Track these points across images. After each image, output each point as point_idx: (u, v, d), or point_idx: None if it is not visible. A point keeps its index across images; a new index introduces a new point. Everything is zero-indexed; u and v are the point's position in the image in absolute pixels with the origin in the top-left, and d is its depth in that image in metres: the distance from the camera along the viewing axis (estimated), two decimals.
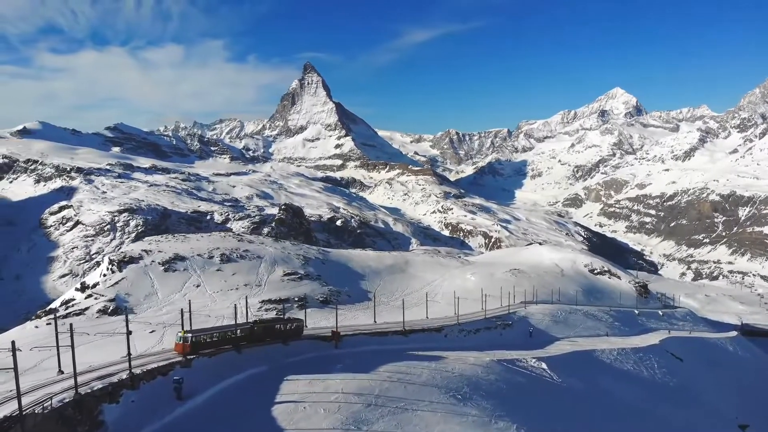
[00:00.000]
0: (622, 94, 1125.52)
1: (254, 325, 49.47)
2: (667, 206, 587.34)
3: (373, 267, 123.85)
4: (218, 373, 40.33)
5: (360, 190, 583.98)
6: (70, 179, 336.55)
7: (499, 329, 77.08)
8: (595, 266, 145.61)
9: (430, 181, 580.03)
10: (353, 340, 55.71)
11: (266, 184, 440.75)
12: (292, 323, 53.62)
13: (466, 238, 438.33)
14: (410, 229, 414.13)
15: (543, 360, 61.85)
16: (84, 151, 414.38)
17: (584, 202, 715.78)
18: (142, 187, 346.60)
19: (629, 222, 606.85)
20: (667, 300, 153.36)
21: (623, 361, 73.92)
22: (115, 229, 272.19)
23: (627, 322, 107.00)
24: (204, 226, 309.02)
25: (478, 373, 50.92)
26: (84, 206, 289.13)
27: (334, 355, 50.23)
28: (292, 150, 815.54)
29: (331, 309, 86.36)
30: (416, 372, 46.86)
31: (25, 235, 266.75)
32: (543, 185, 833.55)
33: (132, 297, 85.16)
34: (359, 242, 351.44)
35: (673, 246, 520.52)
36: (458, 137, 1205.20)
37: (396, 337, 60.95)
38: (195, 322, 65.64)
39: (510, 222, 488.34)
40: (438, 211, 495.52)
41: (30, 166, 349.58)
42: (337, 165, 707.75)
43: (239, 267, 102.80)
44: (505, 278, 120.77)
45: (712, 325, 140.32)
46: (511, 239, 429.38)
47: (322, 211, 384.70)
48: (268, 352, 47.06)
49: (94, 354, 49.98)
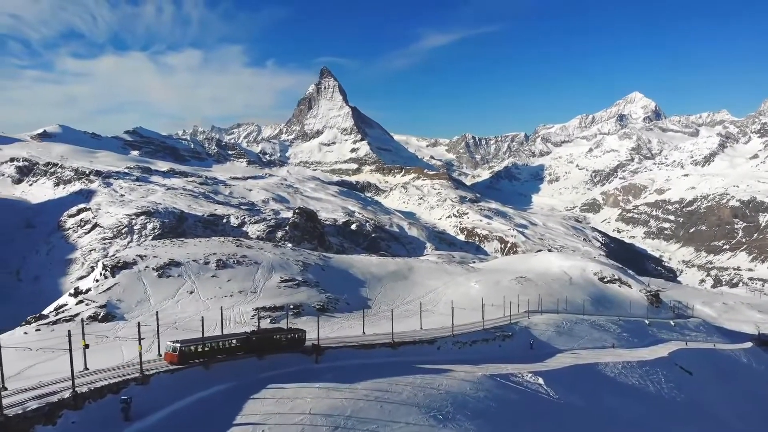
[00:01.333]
0: (641, 99, 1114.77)
1: (251, 335, 48.05)
2: (687, 212, 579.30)
3: (375, 273, 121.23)
4: (179, 390, 37.98)
5: (375, 194, 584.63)
6: (89, 182, 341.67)
7: (497, 341, 74.29)
8: (605, 274, 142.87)
9: (446, 185, 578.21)
10: (336, 354, 52.92)
11: (282, 188, 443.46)
12: (294, 333, 51.93)
13: (481, 243, 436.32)
14: (425, 234, 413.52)
15: (540, 375, 58.92)
16: (103, 155, 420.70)
17: (602, 207, 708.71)
18: (160, 190, 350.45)
19: (648, 228, 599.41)
20: (684, 308, 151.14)
21: (628, 375, 71.30)
22: (133, 232, 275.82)
23: (637, 332, 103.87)
24: (220, 230, 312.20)
25: (466, 389, 48.25)
26: (102, 209, 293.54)
27: (312, 370, 47.61)
28: (308, 154, 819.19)
29: (328, 317, 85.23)
30: (397, 389, 43.95)
31: (44, 237, 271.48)
32: (560, 190, 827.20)
33: (123, 303, 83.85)
34: (374, 246, 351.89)
35: (692, 252, 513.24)
36: (474, 141, 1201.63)
37: (383, 350, 57.99)
38: (187, 330, 64.89)
39: (526, 227, 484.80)
40: (453, 216, 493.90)
41: (50, 169, 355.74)
42: (352, 169, 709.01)
43: (235, 273, 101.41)
44: (510, 286, 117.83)
45: (728, 336, 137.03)
46: (528, 244, 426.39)
47: (337, 215, 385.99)
48: (241, 366, 44.86)
49: (77, 363, 48.88)
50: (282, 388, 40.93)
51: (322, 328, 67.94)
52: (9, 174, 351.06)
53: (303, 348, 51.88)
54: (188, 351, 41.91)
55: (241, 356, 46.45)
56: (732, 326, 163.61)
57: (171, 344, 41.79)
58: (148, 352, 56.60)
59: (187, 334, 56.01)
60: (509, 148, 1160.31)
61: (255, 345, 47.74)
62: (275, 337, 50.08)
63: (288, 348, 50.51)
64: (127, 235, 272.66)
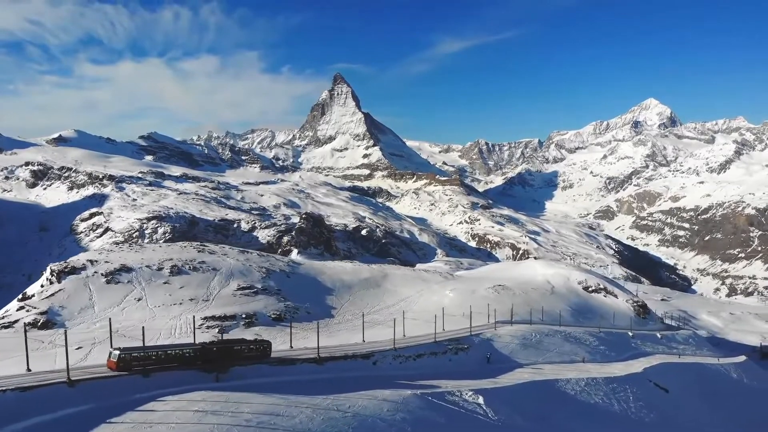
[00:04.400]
0: (656, 105, 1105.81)
1: (211, 345, 46.74)
2: (702, 219, 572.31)
3: (346, 281, 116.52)
4: (14, 413, 33.50)
5: (387, 200, 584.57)
6: (102, 186, 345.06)
7: (449, 354, 68.56)
8: (590, 283, 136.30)
9: (458, 191, 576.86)
10: (247, 371, 47.69)
11: (294, 193, 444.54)
12: (258, 344, 50.15)
13: (493, 250, 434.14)
14: (436, 240, 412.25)
15: (482, 393, 52.85)
16: (117, 159, 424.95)
17: (616, 214, 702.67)
18: (172, 195, 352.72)
19: (662, 235, 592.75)
20: (688, 319, 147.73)
21: (591, 392, 65.33)
22: (144, 236, 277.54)
23: (617, 345, 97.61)
24: (231, 234, 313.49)
25: (382, 411, 41.92)
26: (114, 213, 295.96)
27: (209, 390, 41.96)
28: (321, 159, 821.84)
29: (283, 326, 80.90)
30: (292, 412, 37.82)
31: (57, 241, 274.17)
32: (574, 197, 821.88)
33: (66, 310, 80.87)
34: (384, 252, 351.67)
35: (707, 260, 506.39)
36: (488, 147, 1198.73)
37: (307, 365, 52.12)
38: (130, 338, 62.49)
39: (539, 234, 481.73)
40: (465, 222, 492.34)
41: (64, 173, 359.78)
42: (364, 175, 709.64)
43: (190, 280, 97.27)
44: (486, 295, 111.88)
45: (728, 348, 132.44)
46: (540, 251, 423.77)
47: (348, 220, 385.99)
48: (118, 384, 40.42)
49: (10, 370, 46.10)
50: (152, 411, 35.82)
51: (273, 339, 62.39)
52: (24, 178, 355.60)
53: (268, 360, 49.97)
54: (128, 358, 40.97)
55: (199, 366, 44.91)
56: (737, 337, 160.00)
57: (113, 351, 41.46)
58: (83, 360, 54.93)
59: (130, 342, 53.39)
60: (523, 154, 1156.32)
61: (214, 356, 46.02)
62: (236, 348, 48.33)
63: (251, 360, 48.57)
64: (138, 240, 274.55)
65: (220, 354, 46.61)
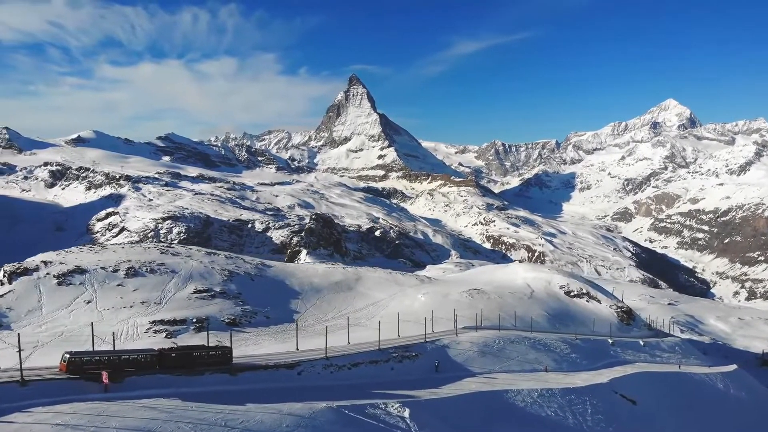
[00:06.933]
0: (676, 106, 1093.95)
1: (165, 351, 45.94)
2: (721, 222, 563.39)
3: (315, 284, 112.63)
4: None
5: (401, 201, 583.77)
6: (119, 187, 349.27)
7: (392, 362, 62.87)
8: (572, 288, 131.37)
9: (473, 193, 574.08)
10: (142, 380, 42.63)
11: (308, 194, 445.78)
12: (216, 350, 49.27)
13: (508, 252, 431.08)
14: (450, 241, 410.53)
15: (410, 405, 47.77)
16: (135, 160, 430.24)
17: (634, 216, 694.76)
18: (188, 195, 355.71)
19: (681, 238, 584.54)
20: (695, 324, 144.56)
21: (544, 404, 59.84)
22: (159, 236, 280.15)
23: (592, 353, 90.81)
24: (245, 234, 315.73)
25: (279, 427, 37.25)
26: (130, 213, 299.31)
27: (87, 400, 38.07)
28: (336, 160, 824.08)
29: (236, 332, 78.09)
30: (168, 428, 33.55)
31: (73, 240, 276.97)
32: (592, 198, 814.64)
33: (13, 312, 78.97)
34: (397, 253, 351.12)
35: (727, 263, 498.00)
36: (504, 148, 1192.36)
37: (216, 376, 47.30)
38: (73, 343, 61.14)
39: (555, 236, 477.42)
40: (480, 223, 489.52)
41: (82, 174, 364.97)
42: (379, 175, 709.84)
43: (145, 282, 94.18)
44: (459, 299, 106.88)
45: (731, 354, 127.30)
46: (556, 253, 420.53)
47: (362, 221, 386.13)
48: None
49: None
50: (10, 422, 32.43)
51: (226, 344, 57.93)
52: (42, 178, 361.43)
53: (228, 367, 48.64)
54: (79, 362, 40.48)
55: (158, 371, 44.14)
56: (744, 343, 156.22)
57: (64, 354, 41.34)
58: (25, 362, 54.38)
59: (73, 346, 51.69)
60: (540, 155, 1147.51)
61: (172, 362, 45.04)
62: (195, 354, 47.35)
63: (209, 366, 47.49)
64: (153, 240, 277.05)
65: (178, 360, 45.69)
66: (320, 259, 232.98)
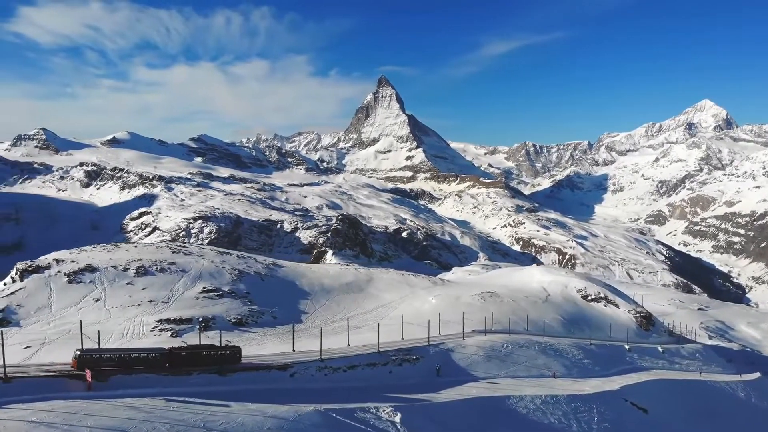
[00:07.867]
0: (711, 107, 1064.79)
1: (175, 350, 46.62)
2: (758, 225, 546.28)
3: (326, 285, 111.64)
4: None
5: (429, 202, 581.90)
6: (152, 187, 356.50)
7: (390, 365, 61.26)
8: (590, 292, 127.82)
9: (502, 194, 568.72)
10: (128, 380, 42.16)
11: (336, 195, 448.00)
12: (226, 350, 49.77)
13: (538, 254, 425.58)
14: (478, 243, 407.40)
15: (402, 410, 45.92)
16: (168, 161, 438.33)
17: (668, 219, 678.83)
18: (219, 195, 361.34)
19: (716, 241, 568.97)
20: (726, 330, 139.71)
21: (548, 412, 57.19)
22: (190, 236, 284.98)
23: (607, 359, 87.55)
24: (274, 234, 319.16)
25: (261, 431, 36.10)
26: (162, 213, 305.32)
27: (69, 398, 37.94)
28: (364, 162, 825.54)
29: (241, 332, 78.51)
30: (143, 428, 32.96)
31: (107, 239, 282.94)
32: (624, 200, 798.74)
33: (23, 309, 79.89)
34: (424, 254, 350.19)
35: (763, 268, 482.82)
36: (535, 149, 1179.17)
37: (205, 376, 46.34)
38: (88, 339, 60.63)
39: (586, 238, 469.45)
40: (509, 225, 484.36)
41: (116, 174, 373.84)
42: (407, 177, 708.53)
43: (154, 281, 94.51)
44: (470, 302, 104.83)
45: (760, 362, 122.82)
46: (587, 257, 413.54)
47: (389, 222, 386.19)
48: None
49: None
50: None
51: (233, 343, 57.99)
52: (78, 178, 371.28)
53: (219, 367, 48.27)
54: (89, 359, 41.51)
55: (167, 370, 44.79)
56: None
57: (75, 351, 42.35)
58: (27, 359, 55.25)
59: (79, 343, 51.86)
60: (572, 157, 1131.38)
61: (181, 360, 45.72)
62: (204, 353, 47.90)
63: (219, 365, 47.96)
64: (184, 239, 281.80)
65: (188, 359, 46.26)
66: (346, 259, 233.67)
